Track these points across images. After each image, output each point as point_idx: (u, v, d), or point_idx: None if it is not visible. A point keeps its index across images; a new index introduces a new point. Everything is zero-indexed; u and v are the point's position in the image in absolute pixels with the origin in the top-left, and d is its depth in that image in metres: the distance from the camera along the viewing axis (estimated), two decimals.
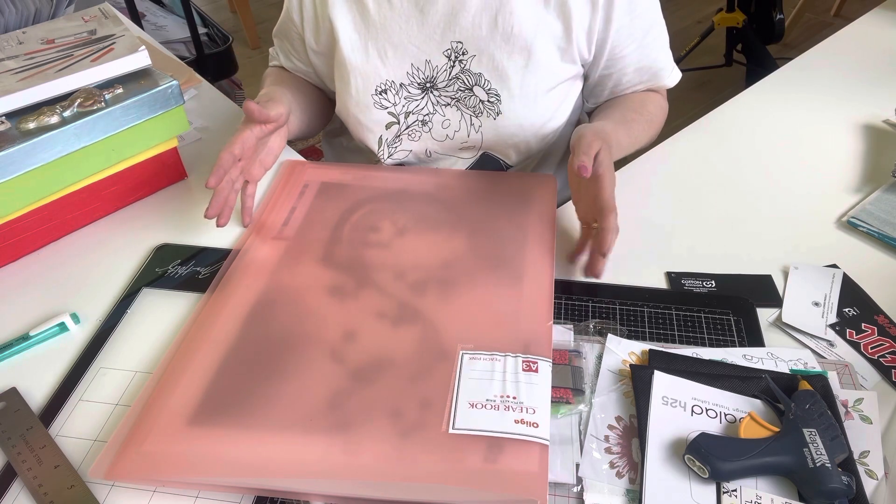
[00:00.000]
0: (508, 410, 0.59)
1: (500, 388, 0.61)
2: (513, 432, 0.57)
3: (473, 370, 0.63)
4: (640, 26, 0.86)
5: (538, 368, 0.63)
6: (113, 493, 0.58)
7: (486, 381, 0.62)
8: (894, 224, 0.80)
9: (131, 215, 0.89)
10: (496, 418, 0.59)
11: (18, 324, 0.74)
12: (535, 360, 0.63)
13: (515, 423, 0.58)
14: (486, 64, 0.84)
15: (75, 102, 0.79)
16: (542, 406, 0.59)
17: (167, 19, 2.03)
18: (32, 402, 0.66)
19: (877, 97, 1.03)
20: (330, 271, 0.75)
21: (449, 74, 0.86)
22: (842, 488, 0.53)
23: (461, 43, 0.84)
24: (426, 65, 0.86)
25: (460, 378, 0.62)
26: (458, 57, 0.85)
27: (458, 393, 0.61)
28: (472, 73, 0.85)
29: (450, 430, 0.58)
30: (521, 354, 0.64)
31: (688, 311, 0.72)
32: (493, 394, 0.61)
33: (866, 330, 0.70)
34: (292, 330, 0.69)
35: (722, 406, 0.61)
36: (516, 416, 0.59)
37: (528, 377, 0.62)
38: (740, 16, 2.37)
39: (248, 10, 2.94)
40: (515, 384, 0.61)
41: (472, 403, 0.60)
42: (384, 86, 0.88)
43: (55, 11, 1.11)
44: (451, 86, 0.87)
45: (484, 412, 0.59)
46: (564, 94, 0.90)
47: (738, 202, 0.87)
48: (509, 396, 0.60)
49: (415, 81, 0.87)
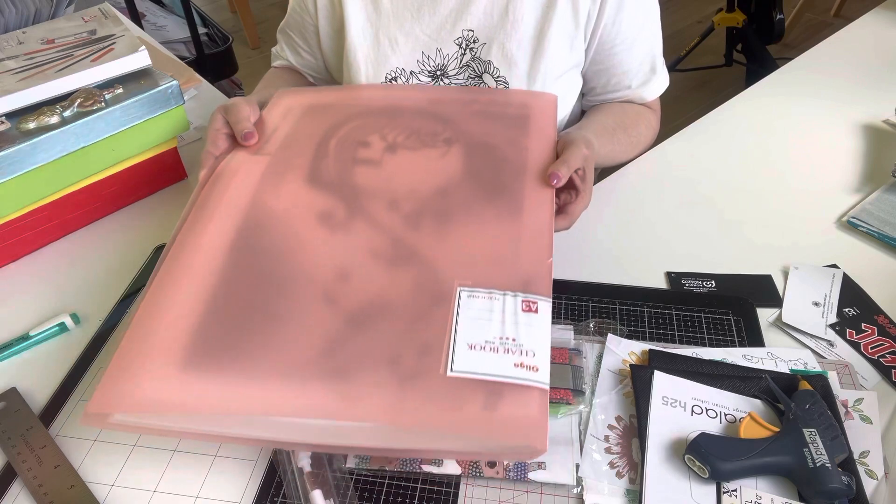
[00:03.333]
0: (508, 353, 0.57)
1: (500, 330, 0.58)
2: (512, 376, 0.55)
3: (471, 309, 0.60)
4: (631, 26, 0.86)
5: (538, 309, 0.60)
6: (113, 493, 0.58)
7: (484, 321, 0.59)
8: (894, 224, 0.80)
9: (131, 215, 0.89)
10: (495, 361, 0.56)
11: (18, 324, 0.74)
12: (534, 301, 0.61)
13: (515, 366, 0.56)
14: (497, 52, 0.85)
15: (75, 102, 0.79)
16: (541, 349, 0.57)
17: (167, 19, 2.03)
18: (32, 402, 0.66)
19: (877, 97, 1.03)
20: (318, 192, 0.71)
21: (460, 63, 0.87)
22: (842, 488, 0.53)
23: (472, 31, 0.85)
24: (437, 53, 0.87)
25: (458, 317, 0.60)
26: (469, 45, 0.85)
27: (456, 333, 0.58)
28: (483, 61, 0.86)
29: (448, 372, 0.56)
30: (521, 293, 0.61)
31: (688, 311, 0.72)
32: (493, 335, 0.58)
33: (866, 330, 0.70)
34: (282, 263, 0.65)
35: (722, 406, 0.61)
36: (516, 359, 0.56)
37: (528, 318, 0.59)
38: (740, 16, 2.37)
39: (248, 10, 2.94)
40: (515, 325, 0.59)
41: (471, 345, 0.57)
42: (394, 73, 0.88)
43: (55, 11, 1.11)
44: (462, 74, 0.88)
45: (483, 354, 0.57)
46: (569, 84, 0.90)
47: (737, 202, 0.87)
48: (508, 338, 0.58)
49: (425, 69, 0.88)
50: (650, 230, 0.83)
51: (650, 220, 0.85)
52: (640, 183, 0.91)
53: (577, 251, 0.80)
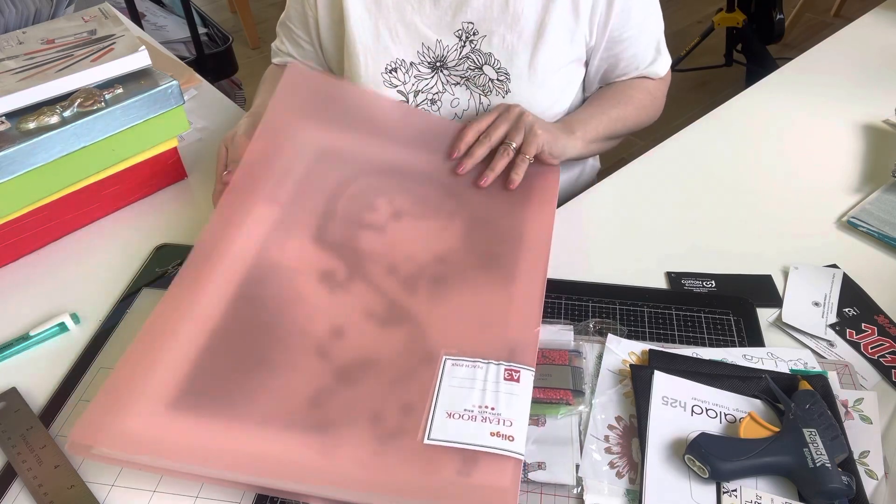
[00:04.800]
0: (486, 422, 0.58)
1: (480, 398, 0.60)
2: (488, 445, 0.57)
3: (455, 377, 0.62)
4: (640, 10, 0.87)
5: (520, 378, 0.62)
6: (113, 493, 0.58)
7: (466, 388, 0.61)
8: (894, 224, 0.80)
9: (131, 215, 0.89)
10: (472, 430, 0.58)
11: (18, 324, 0.74)
12: (517, 370, 0.62)
13: (491, 435, 0.57)
14: (497, 44, 0.86)
15: (75, 102, 0.79)
16: (519, 418, 0.59)
17: (167, 19, 2.02)
18: (32, 402, 0.66)
19: (877, 97, 1.03)
20: (322, 252, 0.73)
21: (459, 54, 0.87)
22: (842, 488, 0.53)
23: (472, 23, 0.85)
24: (437, 44, 0.87)
25: (440, 385, 0.62)
26: (468, 37, 0.86)
27: (436, 401, 0.60)
28: (483, 53, 0.86)
29: (425, 440, 0.58)
30: (504, 362, 0.63)
31: (688, 311, 0.72)
32: (472, 403, 0.60)
33: (866, 330, 0.70)
34: (280, 315, 0.67)
35: (722, 406, 0.61)
36: (493, 427, 0.58)
37: (510, 387, 0.61)
38: (740, 16, 2.37)
39: (248, 10, 2.94)
40: (496, 394, 0.60)
41: (450, 413, 0.59)
42: (394, 64, 0.89)
43: (55, 11, 1.11)
44: (462, 65, 0.88)
45: (461, 423, 0.59)
46: (569, 77, 0.91)
47: (738, 202, 0.87)
48: (488, 407, 0.59)
49: (425, 60, 0.88)
50: (650, 230, 0.83)
51: (650, 220, 0.85)
52: (640, 183, 0.91)
53: (578, 251, 0.80)
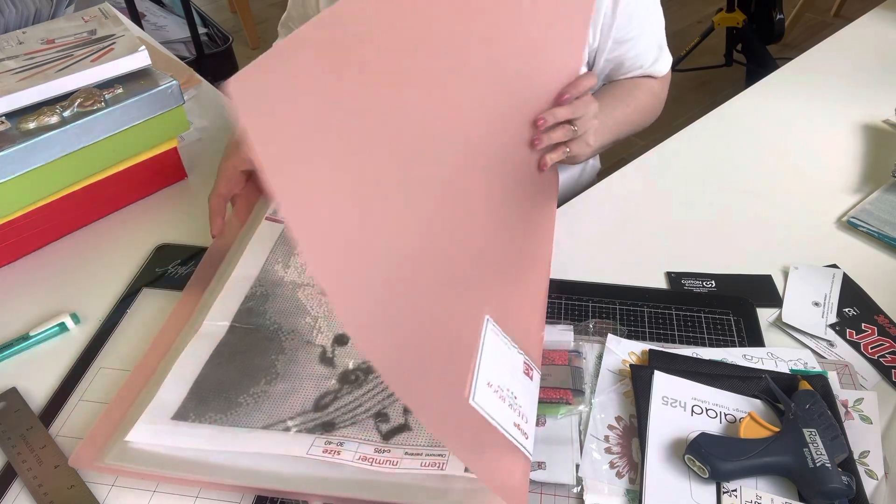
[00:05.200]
0: (511, 409, 0.57)
1: (509, 381, 0.58)
2: (511, 434, 0.55)
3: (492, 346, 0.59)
4: (643, 9, 0.87)
5: (532, 377, 0.61)
6: (113, 494, 0.58)
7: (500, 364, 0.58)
8: (894, 224, 0.80)
9: (131, 215, 0.89)
10: (503, 412, 0.55)
11: (18, 324, 0.74)
12: (531, 368, 0.62)
13: (514, 426, 0.56)
14: None
15: (75, 102, 0.79)
16: (531, 417, 0.58)
17: (167, 19, 2.03)
18: (32, 402, 0.66)
19: (877, 97, 1.03)
20: None
21: None
22: (842, 488, 0.53)
23: None
24: None
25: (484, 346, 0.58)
26: None
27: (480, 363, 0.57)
28: None
29: (471, 399, 0.54)
30: (525, 354, 0.62)
31: (688, 311, 0.72)
32: (504, 383, 0.57)
33: (866, 330, 0.70)
34: (282, 329, 0.69)
35: (722, 406, 0.61)
36: (516, 417, 0.56)
37: (525, 382, 0.60)
38: (740, 16, 2.37)
39: (248, 10, 2.93)
40: (520, 383, 0.59)
41: (489, 383, 0.56)
42: None
43: (55, 11, 1.11)
44: None
45: (496, 399, 0.55)
46: None
47: (738, 202, 0.87)
48: (513, 393, 0.57)
49: None
50: (650, 230, 0.83)
51: (650, 220, 0.85)
52: (640, 183, 0.91)
53: (578, 251, 0.80)
